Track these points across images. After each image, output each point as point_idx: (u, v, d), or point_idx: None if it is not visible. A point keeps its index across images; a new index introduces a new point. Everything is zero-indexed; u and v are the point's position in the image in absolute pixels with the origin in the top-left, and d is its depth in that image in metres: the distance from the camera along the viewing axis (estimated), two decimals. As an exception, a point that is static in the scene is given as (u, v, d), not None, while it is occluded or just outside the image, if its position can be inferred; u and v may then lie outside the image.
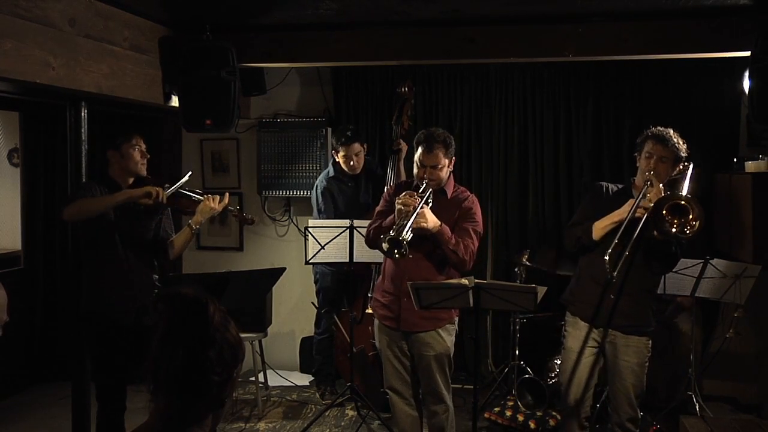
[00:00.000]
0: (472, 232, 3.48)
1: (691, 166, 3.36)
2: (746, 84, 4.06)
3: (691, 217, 3.09)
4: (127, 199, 3.41)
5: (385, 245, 3.22)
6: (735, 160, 4.73)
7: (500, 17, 4.23)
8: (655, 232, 3.16)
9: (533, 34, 4.28)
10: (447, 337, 3.54)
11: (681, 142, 3.32)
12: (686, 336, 4.54)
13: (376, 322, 3.68)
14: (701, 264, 4.07)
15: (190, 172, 3.88)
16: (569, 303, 3.53)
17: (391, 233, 3.22)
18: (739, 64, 4.52)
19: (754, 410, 4.71)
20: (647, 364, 3.40)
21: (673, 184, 3.37)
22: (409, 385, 3.62)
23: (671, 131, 3.33)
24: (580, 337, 3.42)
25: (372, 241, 3.57)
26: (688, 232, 3.09)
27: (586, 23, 4.17)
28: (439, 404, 3.57)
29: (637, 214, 3.19)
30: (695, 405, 4.30)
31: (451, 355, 3.58)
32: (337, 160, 4.88)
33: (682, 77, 4.95)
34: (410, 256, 3.40)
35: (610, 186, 3.54)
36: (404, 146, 4.81)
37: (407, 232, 3.20)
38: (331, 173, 4.95)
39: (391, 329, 3.56)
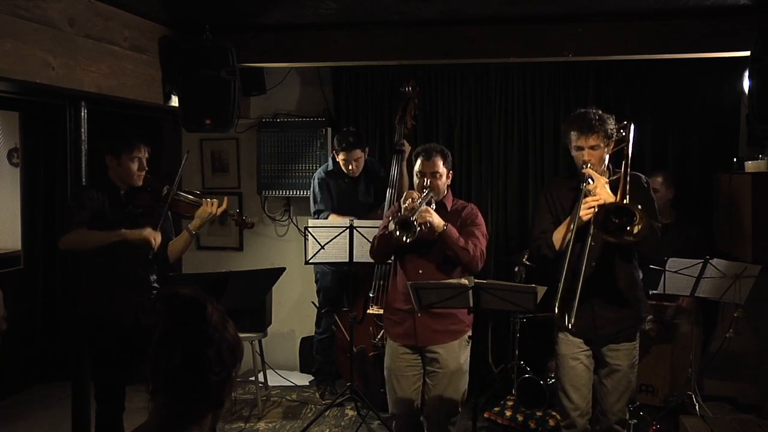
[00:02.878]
0: (478, 233, 3.48)
1: (632, 126, 3.17)
2: (746, 84, 4.06)
3: (635, 221, 2.93)
4: (120, 240, 3.40)
5: (392, 225, 3.25)
6: (735, 160, 4.72)
7: (500, 17, 4.23)
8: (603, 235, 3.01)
9: (533, 34, 4.28)
10: (462, 352, 3.49)
11: (606, 118, 3.16)
12: (686, 336, 4.54)
13: (389, 342, 3.63)
14: (701, 264, 4.07)
15: (187, 153, 3.82)
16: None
17: (401, 215, 3.26)
18: (739, 64, 4.52)
19: (754, 410, 4.71)
20: (636, 363, 3.37)
21: (620, 154, 3.24)
22: (413, 402, 3.55)
23: (591, 111, 3.18)
24: (570, 342, 3.36)
25: (376, 250, 3.56)
26: (631, 232, 2.94)
27: (586, 23, 4.17)
28: (445, 426, 3.53)
29: (585, 216, 3.06)
30: (695, 405, 4.30)
31: (467, 372, 3.52)
32: (337, 159, 4.89)
33: (682, 77, 4.95)
34: (420, 272, 3.45)
35: (558, 180, 3.45)
36: (408, 147, 4.81)
37: (416, 220, 3.23)
38: (330, 167, 4.97)
39: (406, 347, 3.53)
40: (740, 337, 4.51)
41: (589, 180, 3.10)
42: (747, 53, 3.80)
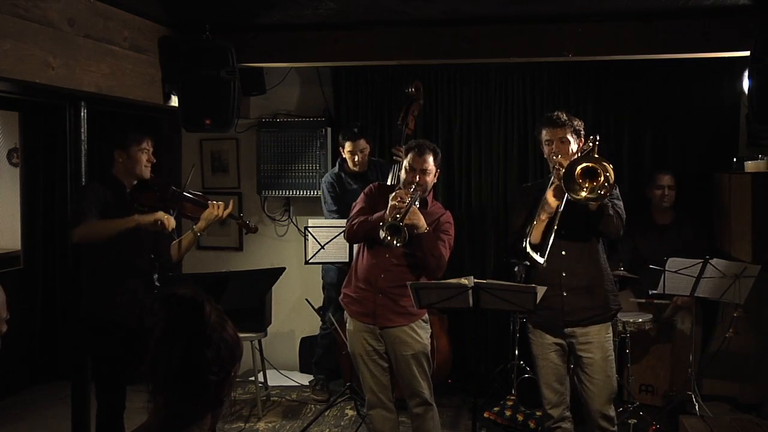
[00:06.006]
0: (446, 243, 3.53)
1: (598, 137, 3.26)
2: (746, 84, 4.07)
3: (601, 179, 3.04)
4: (135, 226, 3.41)
5: (383, 232, 3.26)
6: (735, 160, 4.72)
7: (500, 17, 4.23)
8: (570, 197, 3.11)
9: (533, 34, 4.28)
10: (423, 333, 3.55)
11: (573, 118, 3.36)
12: (685, 336, 4.54)
13: (349, 325, 3.64)
14: (701, 264, 4.07)
15: (193, 165, 3.89)
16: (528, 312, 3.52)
17: (390, 220, 3.27)
18: (739, 64, 4.52)
19: (754, 410, 4.70)
20: (611, 357, 3.36)
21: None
22: (388, 388, 3.61)
23: (558, 112, 3.37)
24: (543, 342, 3.41)
25: (355, 235, 3.58)
26: (601, 192, 3.05)
27: (586, 23, 4.17)
28: (422, 406, 3.56)
29: (553, 197, 3.20)
30: (695, 405, 4.29)
31: (429, 353, 3.59)
32: (343, 155, 4.89)
33: (682, 77, 4.95)
34: (386, 255, 3.49)
35: (530, 185, 3.52)
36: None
37: (405, 224, 3.26)
38: (337, 170, 5.00)
39: (366, 325, 3.56)
40: (740, 337, 4.51)
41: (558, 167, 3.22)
42: (747, 53, 3.80)
